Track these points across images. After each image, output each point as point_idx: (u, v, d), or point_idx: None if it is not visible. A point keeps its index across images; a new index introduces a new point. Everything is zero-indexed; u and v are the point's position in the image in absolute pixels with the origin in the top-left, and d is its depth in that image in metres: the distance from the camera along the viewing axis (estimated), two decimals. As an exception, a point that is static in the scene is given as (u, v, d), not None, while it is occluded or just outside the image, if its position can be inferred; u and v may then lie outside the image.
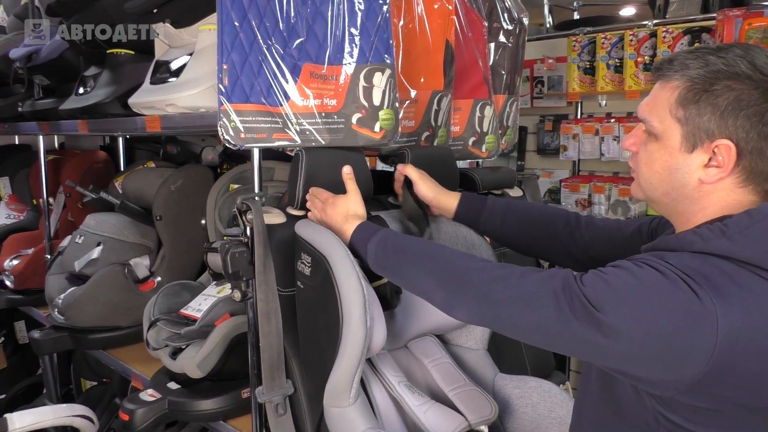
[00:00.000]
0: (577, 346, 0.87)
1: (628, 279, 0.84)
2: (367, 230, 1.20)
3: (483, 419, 1.25)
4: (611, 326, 0.81)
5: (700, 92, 0.87)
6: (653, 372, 0.84)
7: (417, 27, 1.62)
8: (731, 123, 0.86)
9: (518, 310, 0.91)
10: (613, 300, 0.82)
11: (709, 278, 0.81)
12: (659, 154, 0.93)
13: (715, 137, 0.87)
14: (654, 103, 0.94)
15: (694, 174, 0.90)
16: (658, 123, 0.92)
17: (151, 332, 1.63)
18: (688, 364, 0.80)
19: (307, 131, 1.34)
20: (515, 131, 2.10)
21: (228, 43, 1.26)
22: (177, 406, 1.51)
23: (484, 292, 0.96)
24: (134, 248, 2.05)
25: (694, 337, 0.79)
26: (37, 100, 2.24)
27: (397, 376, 1.29)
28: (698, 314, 0.78)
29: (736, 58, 0.86)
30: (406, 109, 1.62)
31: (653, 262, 0.85)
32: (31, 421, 1.41)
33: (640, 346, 0.81)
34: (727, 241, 0.84)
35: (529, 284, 0.91)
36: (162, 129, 1.52)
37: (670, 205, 0.95)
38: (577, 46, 3.04)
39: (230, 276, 1.26)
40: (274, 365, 1.29)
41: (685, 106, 0.89)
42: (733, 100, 0.85)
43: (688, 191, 0.91)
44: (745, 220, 0.85)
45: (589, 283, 0.85)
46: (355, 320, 1.11)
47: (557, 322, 0.85)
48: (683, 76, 0.89)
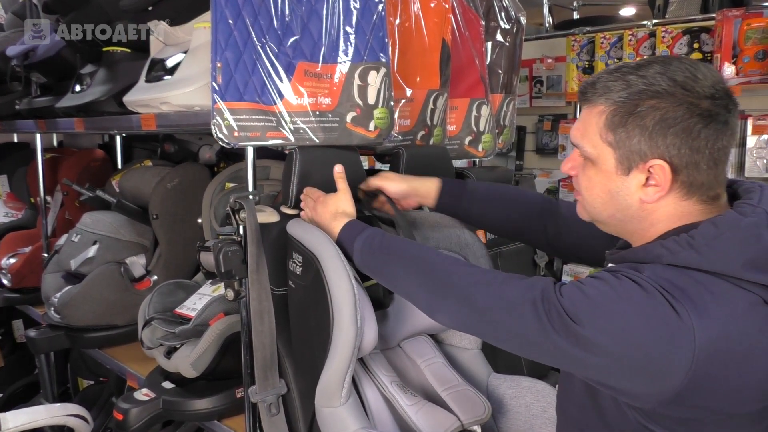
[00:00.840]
0: (556, 357, 0.87)
1: (605, 290, 0.83)
2: (353, 228, 1.19)
3: (476, 419, 1.24)
4: (588, 339, 0.81)
5: (625, 115, 0.87)
6: (632, 385, 0.83)
7: (413, 25, 1.62)
8: (661, 142, 0.85)
9: (498, 317, 0.91)
10: (590, 312, 0.82)
11: (685, 290, 0.81)
12: (597, 178, 0.93)
13: (647, 158, 0.87)
14: (584, 127, 0.93)
15: (634, 195, 0.90)
16: (591, 148, 0.92)
17: (145, 331, 1.63)
18: (666, 377, 0.79)
19: (302, 130, 1.34)
20: (512, 131, 2.09)
21: (222, 40, 1.26)
22: (171, 406, 1.50)
23: (465, 298, 0.95)
24: (130, 247, 2.05)
25: (671, 351, 0.78)
26: (34, 98, 2.23)
27: (389, 376, 1.28)
28: (675, 328, 0.78)
29: (656, 75, 0.86)
30: (402, 108, 1.62)
31: (631, 274, 0.84)
32: (24, 421, 1.40)
33: (618, 359, 0.81)
34: (695, 253, 0.84)
35: (510, 292, 0.91)
36: (157, 127, 1.52)
37: (618, 225, 0.95)
38: (576, 46, 3.03)
39: (223, 275, 1.26)
40: (267, 365, 1.28)
41: (613, 130, 0.89)
42: (659, 119, 0.85)
43: (633, 212, 0.91)
44: (711, 232, 0.84)
45: (567, 294, 0.85)
46: (345, 320, 1.10)
47: (536, 332, 0.85)
48: (607, 99, 0.89)
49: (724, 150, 0.87)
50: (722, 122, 0.85)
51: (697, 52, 2.69)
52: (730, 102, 0.86)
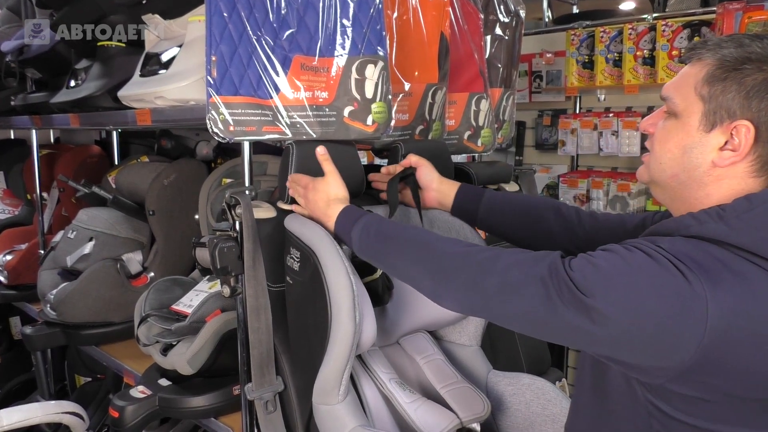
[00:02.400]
0: (567, 333, 0.85)
1: (617, 263, 0.82)
2: (350, 215, 1.17)
3: (475, 417, 1.23)
4: (600, 311, 0.79)
5: (728, 70, 0.85)
6: (642, 358, 0.82)
7: (411, 19, 1.60)
8: (755, 105, 0.83)
9: (506, 297, 0.89)
10: (601, 284, 0.80)
11: (701, 263, 0.79)
12: (676, 131, 0.91)
13: (735, 117, 0.85)
14: (681, 81, 0.91)
15: (708, 155, 0.87)
16: (680, 100, 0.90)
17: (142, 328, 1.61)
18: (677, 349, 0.78)
19: (298, 124, 1.32)
20: (512, 125, 2.07)
21: (217, 34, 1.24)
22: (167, 403, 1.49)
23: (471, 280, 0.93)
24: (127, 243, 2.03)
25: (683, 322, 0.77)
26: (29, 94, 2.22)
27: (388, 373, 1.27)
28: (688, 299, 0.76)
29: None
30: (400, 102, 1.60)
31: (643, 246, 0.83)
32: (19, 418, 1.39)
33: (629, 330, 0.79)
34: (724, 225, 0.82)
35: (516, 270, 0.89)
36: (152, 122, 1.51)
37: (675, 189, 0.92)
38: (575, 40, 3.01)
39: (219, 271, 1.24)
40: (264, 362, 1.27)
41: (711, 84, 0.86)
42: (762, 81, 0.83)
43: (698, 174, 0.89)
44: (743, 205, 0.83)
45: (577, 267, 0.83)
46: (343, 316, 1.09)
47: (545, 309, 0.83)
48: (715, 54, 0.87)
49: None
50: None
51: (697, 46, 2.66)
52: None
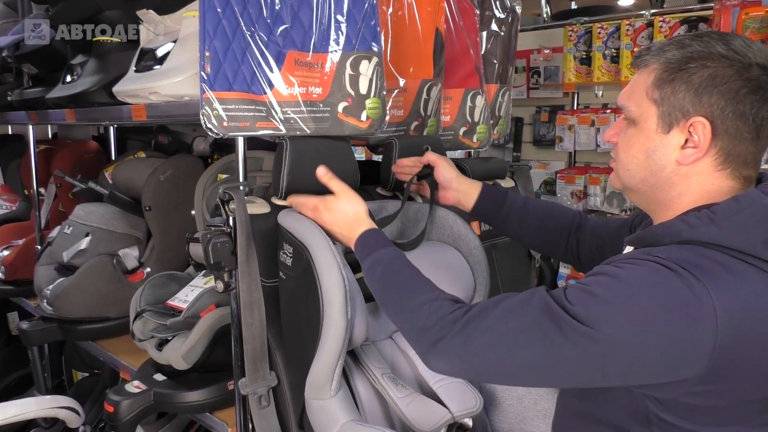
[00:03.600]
0: (576, 372, 0.82)
1: (613, 286, 0.80)
2: (367, 243, 1.13)
3: (467, 412, 1.23)
4: (610, 339, 0.78)
5: (675, 71, 0.88)
6: (658, 376, 0.81)
7: (406, 14, 1.60)
8: (705, 100, 0.85)
9: (503, 352, 0.85)
10: (604, 312, 0.79)
11: (702, 267, 0.79)
12: (637, 138, 0.93)
13: (690, 115, 0.87)
14: (632, 88, 0.94)
15: (671, 155, 0.89)
16: (635, 107, 0.92)
17: (137, 323, 1.62)
18: (692, 360, 0.77)
19: (292, 120, 1.32)
20: (507, 121, 2.07)
21: (210, 29, 1.24)
22: (162, 398, 1.49)
23: (463, 342, 0.89)
24: (123, 239, 2.03)
25: (693, 333, 0.76)
26: (25, 89, 2.22)
27: (380, 368, 1.27)
28: (695, 308, 0.76)
29: (711, 41, 0.87)
30: (395, 98, 1.60)
31: (638, 261, 0.82)
32: (14, 413, 1.39)
33: (641, 352, 0.78)
34: (716, 228, 0.82)
35: (508, 320, 0.86)
36: (147, 118, 1.51)
37: (648, 192, 0.94)
38: (573, 36, 3.01)
39: (212, 266, 1.25)
40: (258, 357, 1.27)
41: (660, 87, 0.89)
42: (708, 77, 0.85)
43: (666, 175, 0.90)
44: (733, 207, 0.84)
45: (576, 300, 0.81)
46: (335, 311, 1.09)
47: (549, 353, 0.81)
48: (660, 58, 0.90)
49: (766, 123, 0.86)
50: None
51: (695, 42, 2.66)
52: None
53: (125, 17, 1.67)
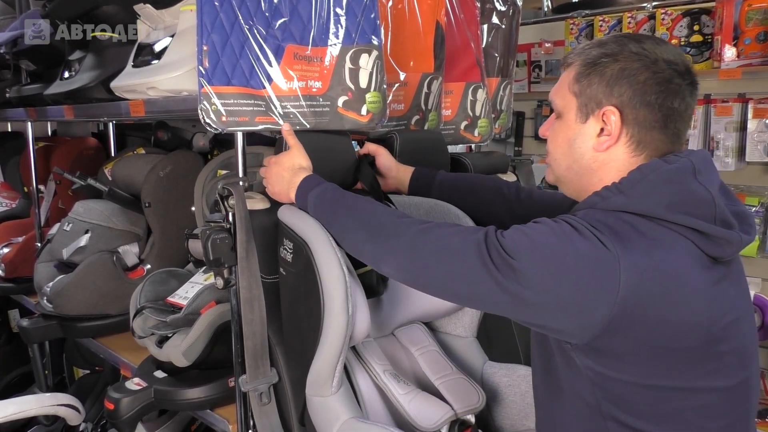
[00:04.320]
0: (497, 297, 0.90)
1: (543, 230, 0.91)
2: (311, 181, 1.20)
3: (470, 408, 1.22)
4: (525, 272, 0.87)
5: (591, 66, 0.97)
6: (566, 317, 0.89)
7: (406, 7, 1.59)
8: (616, 91, 0.95)
9: (442, 260, 0.96)
10: (527, 248, 0.89)
11: (612, 227, 0.88)
12: (561, 129, 1.03)
13: (603, 105, 0.96)
14: (558, 85, 1.04)
15: (588, 143, 0.99)
16: (559, 100, 1.03)
17: (137, 320, 1.61)
18: (596, 305, 0.85)
19: (291, 114, 1.31)
20: (509, 115, 2.06)
21: (208, 23, 1.23)
22: (163, 395, 1.49)
23: (409, 244, 1.00)
24: (123, 235, 2.02)
25: (599, 279, 0.85)
26: (23, 86, 2.21)
27: (382, 365, 1.26)
28: (602, 259, 0.85)
29: (626, 40, 0.97)
30: (395, 92, 1.59)
31: (567, 218, 0.92)
32: (14, 411, 1.39)
33: (551, 290, 0.87)
34: (623, 196, 0.92)
35: (453, 236, 0.96)
36: (146, 113, 1.49)
37: (573, 180, 1.03)
38: (574, 30, 2.99)
39: (211, 263, 1.24)
40: (258, 353, 1.26)
41: (579, 81, 0.99)
42: (618, 70, 0.95)
43: (586, 162, 0.99)
44: (636, 176, 0.93)
45: (508, 235, 0.92)
46: (336, 308, 1.08)
47: (478, 272, 0.90)
48: (580, 57, 1.00)
49: (674, 114, 0.95)
50: (675, 85, 0.94)
51: (697, 34, 2.64)
52: (686, 73, 0.95)
53: (122, 12, 1.65)
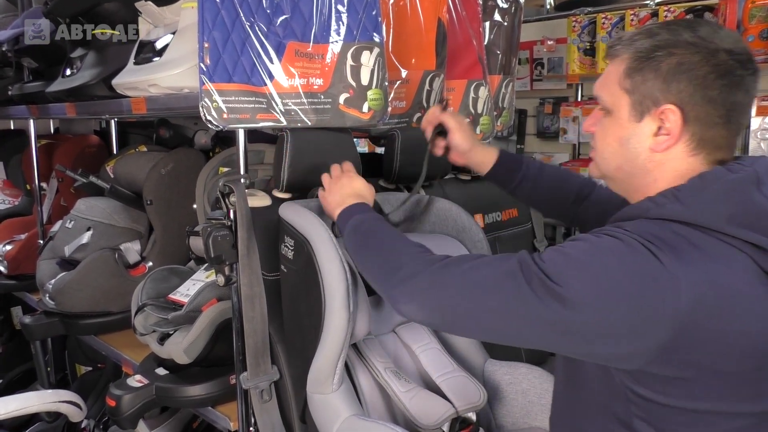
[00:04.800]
0: (540, 329, 0.83)
1: (585, 248, 0.83)
2: (359, 207, 1.15)
3: (471, 406, 1.22)
4: (572, 298, 0.79)
5: (644, 60, 0.89)
6: (619, 343, 0.81)
7: (408, 4, 1.58)
8: (674, 87, 0.87)
9: (474, 294, 0.87)
10: (572, 271, 0.81)
11: (666, 241, 0.81)
12: (611, 126, 0.94)
13: (660, 103, 0.88)
14: (605, 79, 0.95)
15: (644, 143, 0.90)
16: (608, 97, 0.94)
17: (138, 317, 1.61)
18: (652, 328, 0.78)
19: (293, 112, 1.31)
20: (511, 113, 2.06)
21: (209, 20, 1.23)
22: (164, 392, 1.49)
23: (431, 281, 0.91)
24: (125, 233, 2.02)
25: (657, 300, 0.78)
26: (25, 83, 2.21)
27: (383, 362, 1.26)
28: (660, 276, 0.78)
29: (679, 29, 0.88)
30: (397, 90, 1.59)
31: (610, 231, 0.85)
32: (15, 407, 1.38)
33: (604, 315, 0.79)
34: (680, 205, 0.85)
35: (483, 268, 0.88)
36: (147, 110, 1.49)
37: (624, 180, 0.96)
38: (577, 27, 2.98)
39: (212, 260, 1.24)
40: (259, 351, 1.26)
41: (630, 76, 0.90)
42: (675, 65, 0.86)
43: (641, 162, 0.91)
44: (697, 185, 0.86)
45: (547, 258, 0.84)
46: (337, 305, 1.08)
47: (517, 303, 0.82)
48: (630, 48, 0.91)
49: (737, 107, 0.87)
50: (737, 77, 0.86)
51: (700, 32, 2.62)
52: (748, 62, 0.86)
53: (124, 10, 1.65)
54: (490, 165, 1.34)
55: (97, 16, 1.72)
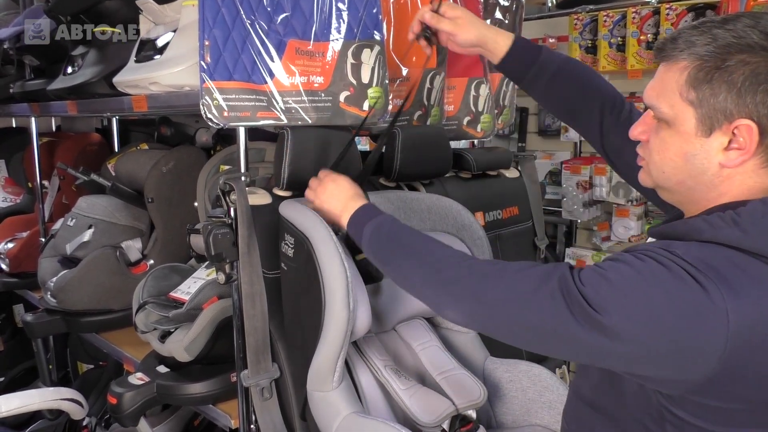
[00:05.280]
0: (578, 350, 0.81)
1: (629, 275, 0.77)
2: (368, 212, 1.11)
3: (471, 403, 1.22)
4: (614, 329, 0.75)
5: (712, 70, 0.80)
6: (661, 372, 0.79)
7: (408, 2, 1.58)
8: (750, 100, 0.78)
9: (512, 310, 0.84)
10: (615, 300, 0.76)
11: (719, 270, 0.75)
12: (672, 140, 0.85)
13: (734, 117, 0.79)
14: (662, 87, 0.86)
15: (713, 159, 0.82)
16: (668, 108, 0.84)
17: (140, 315, 1.62)
18: (698, 363, 0.75)
19: (293, 110, 1.31)
20: (512, 111, 2.06)
21: (210, 18, 1.23)
22: (165, 390, 1.49)
23: (475, 292, 0.89)
24: (126, 231, 2.03)
25: (703, 336, 0.73)
26: (27, 81, 2.21)
27: (383, 360, 1.26)
28: (707, 310, 0.73)
29: (746, 29, 0.79)
30: (398, 88, 1.59)
31: (657, 254, 0.78)
32: (17, 405, 1.40)
33: (647, 347, 0.76)
34: (739, 231, 0.78)
35: (523, 282, 0.84)
36: (148, 108, 1.50)
37: (684, 193, 0.88)
38: (578, 25, 2.97)
39: (213, 258, 1.24)
40: (260, 349, 1.27)
41: (696, 87, 0.81)
42: (750, 74, 0.78)
43: (707, 178, 0.84)
44: (759, 209, 0.79)
45: (588, 281, 0.79)
46: (337, 303, 1.08)
47: (556, 325, 0.79)
48: (691, 54, 0.82)
49: None
50: None
51: (702, 29, 2.62)
52: None
53: (125, 8, 1.66)
54: (502, 54, 1.20)
55: (98, 14, 1.73)
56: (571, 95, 1.19)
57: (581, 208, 2.92)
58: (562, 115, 1.26)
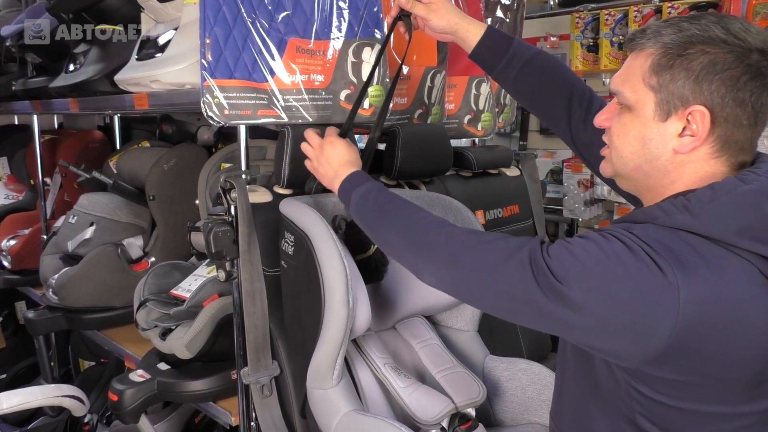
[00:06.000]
0: (541, 318, 0.85)
1: (593, 251, 0.82)
2: (358, 178, 1.14)
3: (470, 401, 1.23)
4: (574, 300, 0.80)
5: (673, 57, 0.84)
6: (617, 344, 0.83)
7: (409, 1, 1.58)
8: (706, 88, 0.82)
9: (484, 276, 0.90)
10: (577, 273, 0.81)
11: (674, 251, 0.80)
12: (632, 124, 0.89)
13: (689, 104, 0.84)
14: (627, 73, 0.90)
15: (668, 144, 0.86)
16: (631, 93, 0.89)
17: (141, 312, 1.62)
18: (650, 336, 0.79)
19: (294, 108, 1.31)
20: (513, 109, 2.06)
21: (211, 16, 1.23)
22: (166, 387, 1.50)
23: (451, 257, 0.94)
24: (127, 228, 2.04)
25: (656, 310, 0.78)
26: (29, 79, 2.22)
27: (383, 358, 1.27)
28: (660, 288, 0.77)
29: (710, 24, 0.83)
30: (398, 86, 1.59)
31: (620, 234, 0.83)
32: (18, 402, 1.40)
33: (603, 319, 0.80)
34: (690, 216, 0.82)
35: (496, 252, 0.90)
36: (150, 106, 1.50)
37: (640, 180, 0.93)
38: (580, 23, 2.97)
39: (213, 255, 1.24)
40: (260, 346, 1.27)
41: (658, 73, 0.85)
42: (708, 63, 0.82)
43: (661, 163, 0.88)
44: (708, 195, 0.83)
45: (555, 255, 0.84)
46: (337, 301, 1.09)
47: (522, 292, 0.84)
48: (656, 42, 0.86)
49: (765, 109, 0.84)
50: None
51: (704, 28, 2.62)
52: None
53: (127, 6, 1.66)
54: (474, 43, 1.23)
55: (100, 11, 1.73)
56: (540, 87, 1.21)
57: (582, 207, 2.92)
58: (532, 107, 1.28)
